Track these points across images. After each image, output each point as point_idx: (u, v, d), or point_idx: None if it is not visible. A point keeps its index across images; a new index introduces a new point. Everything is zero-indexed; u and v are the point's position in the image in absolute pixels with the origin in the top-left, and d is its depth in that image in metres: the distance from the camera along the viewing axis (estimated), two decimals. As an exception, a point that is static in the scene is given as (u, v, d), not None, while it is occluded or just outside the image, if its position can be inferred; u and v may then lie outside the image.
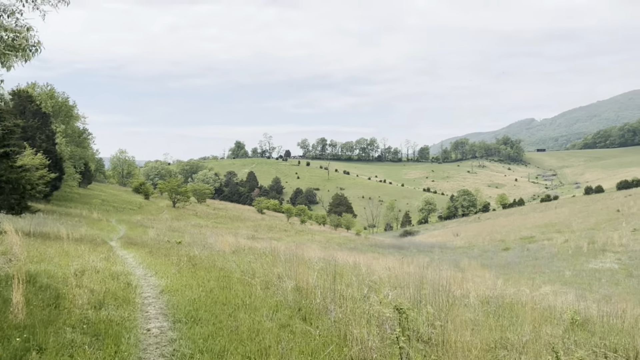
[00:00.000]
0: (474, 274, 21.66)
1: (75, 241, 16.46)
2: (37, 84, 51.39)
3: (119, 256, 13.71)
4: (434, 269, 18.62)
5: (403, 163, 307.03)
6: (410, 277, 11.71)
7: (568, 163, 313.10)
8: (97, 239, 18.01)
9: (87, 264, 10.47)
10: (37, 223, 26.24)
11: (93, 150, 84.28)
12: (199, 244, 23.50)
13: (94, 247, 14.93)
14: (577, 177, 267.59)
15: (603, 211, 73.35)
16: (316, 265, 12.90)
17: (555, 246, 48.85)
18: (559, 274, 28.68)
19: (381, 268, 15.82)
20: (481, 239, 67.32)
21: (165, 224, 43.54)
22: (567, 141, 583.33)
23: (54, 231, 19.23)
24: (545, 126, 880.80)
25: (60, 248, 13.17)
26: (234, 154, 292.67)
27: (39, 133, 38.02)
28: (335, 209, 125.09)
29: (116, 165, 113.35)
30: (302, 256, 15.15)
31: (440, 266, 30.87)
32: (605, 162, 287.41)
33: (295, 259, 13.03)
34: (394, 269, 14.89)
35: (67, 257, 11.55)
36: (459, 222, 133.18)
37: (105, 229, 32.03)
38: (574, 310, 7.73)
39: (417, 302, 8.01)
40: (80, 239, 17.50)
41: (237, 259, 12.97)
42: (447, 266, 32.88)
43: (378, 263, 17.31)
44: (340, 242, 60.02)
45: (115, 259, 12.51)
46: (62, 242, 15.06)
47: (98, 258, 11.67)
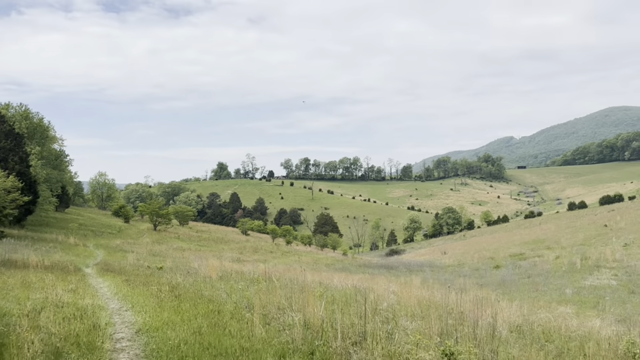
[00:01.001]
0: (475, 294, 20.44)
1: (44, 269, 14.87)
2: (10, 105, 49.48)
3: (91, 286, 12.17)
4: (443, 292, 17.35)
5: (386, 182, 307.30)
6: (423, 303, 10.34)
7: (549, 180, 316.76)
8: (70, 266, 16.41)
9: (50, 297, 8.99)
10: (6, 250, 24.42)
11: (71, 173, 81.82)
12: (182, 269, 21.92)
13: (64, 276, 13.37)
14: (558, 193, 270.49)
15: (590, 226, 73.13)
16: (316, 291, 11.51)
17: (547, 263, 47.99)
18: (559, 293, 27.64)
19: (384, 291, 14.46)
20: (470, 257, 66.33)
21: (146, 248, 41.67)
22: (547, 158, 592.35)
23: (23, 258, 17.56)
24: (524, 144, 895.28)
25: (23, 278, 11.63)
26: (216, 176, 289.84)
27: (11, 155, 36.15)
28: (321, 228, 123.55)
29: (95, 189, 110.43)
30: (298, 280, 13.79)
31: (436, 286, 29.62)
32: (585, 178, 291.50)
33: (292, 285, 11.66)
34: (399, 293, 13.56)
35: (29, 288, 10.05)
36: (445, 240, 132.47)
37: (82, 255, 30.22)
38: (629, 341, 6.52)
39: (446, 336, 6.65)
40: (51, 267, 15.89)
41: (227, 287, 11.56)
42: (441, 286, 31.67)
43: (379, 286, 15.97)
44: (328, 262, 58.49)
45: (86, 290, 10.98)
46: (28, 270, 13.49)
47: (66, 289, 10.18)
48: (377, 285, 17.98)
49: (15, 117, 47.55)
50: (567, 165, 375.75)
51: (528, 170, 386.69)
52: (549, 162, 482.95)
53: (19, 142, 38.15)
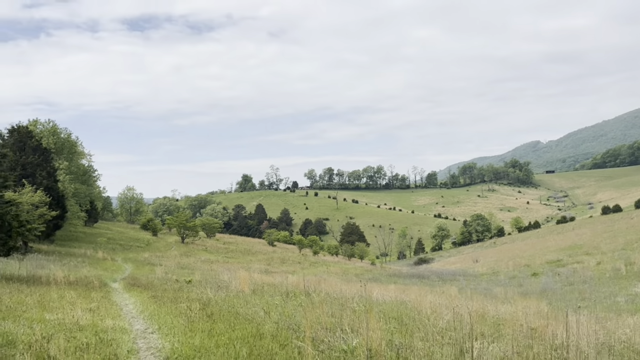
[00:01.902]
0: (523, 304, 18.99)
1: (68, 285, 14.14)
2: (38, 121, 49.91)
3: (115, 304, 11.32)
4: (491, 303, 16.04)
5: (411, 190, 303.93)
6: (485, 319, 9.11)
7: (579, 184, 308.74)
8: (95, 281, 15.70)
9: (67, 318, 8.14)
10: (33, 265, 23.98)
11: (100, 188, 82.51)
12: (211, 282, 21.06)
13: (87, 293, 12.59)
14: (590, 197, 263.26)
15: (630, 230, 70.10)
16: (356, 306, 10.40)
17: (588, 269, 45.80)
18: (610, 301, 25.83)
19: (429, 304, 13.22)
20: (504, 265, 64.12)
21: (174, 261, 41.14)
22: (575, 162, 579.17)
23: (48, 274, 16.91)
24: (551, 148, 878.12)
25: (42, 296, 10.87)
26: (241, 188, 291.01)
27: (39, 170, 36.12)
28: (347, 238, 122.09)
29: (124, 203, 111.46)
30: (335, 293, 12.69)
31: (475, 296, 28.10)
32: (617, 181, 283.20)
33: (331, 298, 10.57)
34: (448, 305, 12.32)
35: (46, 309, 9.25)
36: (475, 247, 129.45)
37: (110, 269, 29.70)
38: None
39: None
40: (76, 282, 15.17)
41: (262, 302, 10.58)
42: (481, 296, 30.11)
43: (423, 298, 14.75)
44: (357, 272, 57.16)
45: (108, 309, 10.09)
46: (50, 287, 12.75)
47: (86, 308, 9.34)
48: (419, 296, 16.74)
49: (43, 133, 47.90)
50: (597, 168, 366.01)
51: (557, 174, 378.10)
52: (578, 165, 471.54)
53: (47, 157, 38.17)
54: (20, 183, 32.53)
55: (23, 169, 35.26)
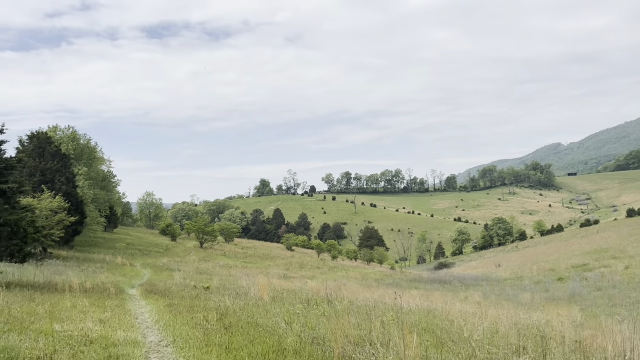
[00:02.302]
0: (555, 311, 18.11)
1: (84, 292, 13.78)
2: (58, 127, 50.32)
3: (129, 312, 10.86)
4: (527, 312, 15.26)
5: (430, 193, 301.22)
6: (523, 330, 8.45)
7: (602, 186, 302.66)
8: (111, 288, 15.33)
9: (77, 330, 7.69)
10: (51, 271, 23.81)
11: (119, 194, 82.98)
12: (229, 288, 20.59)
13: (101, 301, 12.17)
14: (613, 199, 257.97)
15: (658, 233, 68.02)
16: (383, 315, 9.79)
17: (616, 274, 44.36)
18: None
19: (458, 312, 12.53)
20: (527, 269, 62.65)
21: (193, 266, 40.89)
22: (597, 164, 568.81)
23: (64, 280, 16.60)
24: (572, 150, 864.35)
25: (55, 304, 10.47)
26: (259, 192, 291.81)
27: (58, 175, 36.21)
28: (366, 242, 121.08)
29: (143, 208, 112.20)
30: (359, 300, 12.08)
31: (501, 303, 27.17)
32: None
33: (355, 307, 9.96)
34: (479, 314, 11.63)
35: (56, 319, 8.82)
36: (496, 251, 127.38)
37: (128, 275, 29.46)
38: None
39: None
40: (92, 290, 14.81)
41: (282, 310, 10.03)
42: (508, 302, 29.15)
43: (450, 306, 14.03)
44: (377, 277, 56.32)
45: (122, 319, 9.62)
46: (64, 295, 12.38)
47: (99, 318, 8.90)
48: (444, 303, 16.02)
49: (62, 139, 48.21)
50: (620, 170, 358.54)
51: (579, 176, 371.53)
52: (600, 167, 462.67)
53: (66, 163, 38.28)
54: (39, 189, 32.59)
55: (42, 175, 35.38)
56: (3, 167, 13.80)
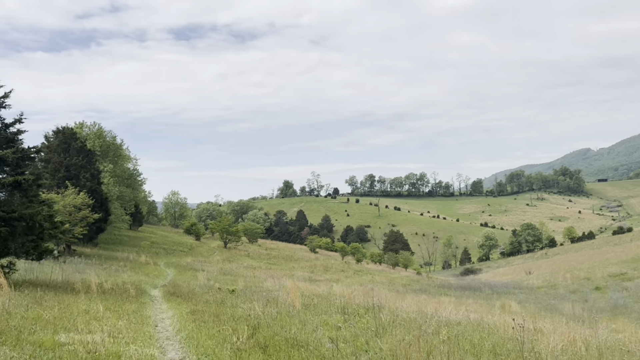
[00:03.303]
0: (611, 326, 16.49)
1: (102, 294, 12.83)
2: (84, 124, 50.20)
3: (148, 319, 9.78)
4: (592, 329, 13.75)
5: (455, 197, 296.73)
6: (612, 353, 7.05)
7: (634, 193, 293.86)
8: (132, 289, 14.35)
9: (85, 343, 6.62)
10: (73, 269, 23.11)
11: (145, 192, 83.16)
12: (255, 291, 19.50)
13: (119, 304, 11.18)
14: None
15: (700, 243, 64.73)
16: (442, 334, 8.52)
17: (660, 285, 41.96)
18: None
19: (509, 325, 11.09)
20: (561, 277, 60.19)
21: (217, 267, 40.07)
22: (628, 170, 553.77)
23: (83, 280, 15.72)
24: (602, 156, 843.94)
25: (65, 309, 9.48)
26: (282, 194, 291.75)
27: (83, 171, 35.79)
28: (391, 246, 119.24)
29: (168, 207, 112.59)
30: (404, 309, 10.81)
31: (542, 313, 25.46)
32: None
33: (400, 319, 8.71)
34: (532, 330, 10.26)
35: (63, 327, 7.79)
36: (525, 258, 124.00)
37: (152, 274, 28.69)
38: None
39: None
40: (111, 290, 13.87)
41: (319, 321, 8.84)
42: (548, 312, 27.39)
43: (499, 318, 12.62)
44: (404, 283, 54.71)
45: (139, 328, 8.50)
46: (79, 296, 11.42)
47: (113, 326, 7.84)
48: (486, 314, 14.62)
49: (88, 135, 48.04)
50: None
51: (609, 183, 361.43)
52: (632, 174, 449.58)
53: (91, 159, 37.89)
54: (63, 185, 32.14)
55: (67, 171, 35.01)
56: (19, 157, 12.98)
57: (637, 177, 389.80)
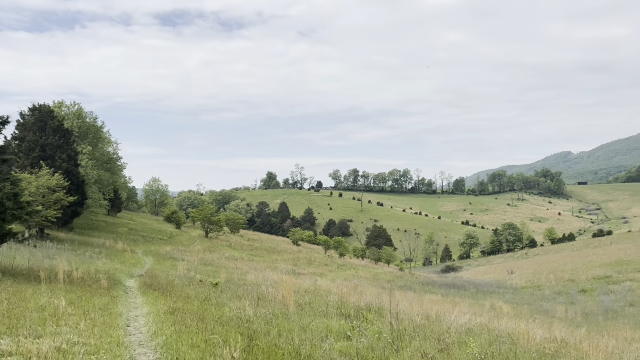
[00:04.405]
0: (620, 334, 15.54)
1: (69, 284, 11.38)
2: (64, 103, 47.92)
3: (119, 318, 8.32)
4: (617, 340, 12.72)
5: (438, 195, 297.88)
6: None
7: (612, 197, 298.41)
8: (104, 279, 12.90)
9: (31, 352, 5.24)
10: (43, 255, 21.50)
11: (125, 178, 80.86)
12: (240, 284, 18.15)
13: (87, 298, 9.76)
14: (624, 211, 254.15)
15: (682, 248, 65.08)
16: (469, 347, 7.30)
17: (646, 289, 41.70)
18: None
19: (530, 334, 9.98)
20: (544, 278, 59.95)
21: (197, 256, 38.57)
22: (607, 174, 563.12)
23: (51, 267, 14.21)
24: (582, 159, 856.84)
25: (18, 304, 8.04)
26: (265, 185, 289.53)
27: (59, 152, 33.86)
28: (374, 241, 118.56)
29: (149, 194, 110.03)
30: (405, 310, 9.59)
31: (537, 316, 24.59)
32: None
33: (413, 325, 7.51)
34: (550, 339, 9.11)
35: (9, 327, 6.38)
36: (505, 257, 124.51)
37: (128, 262, 27.13)
38: None
39: None
40: (81, 280, 12.41)
41: (322, 327, 7.58)
42: (541, 315, 26.58)
43: (511, 324, 11.48)
44: (388, 278, 53.84)
45: (106, 329, 7.00)
46: (42, 287, 9.97)
47: (75, 327, 6.46)
48: (492, 318, 13.51)
49: (67, 115, 45.89)
50: (632, 182, 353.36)
51: (589, 186, 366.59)
52: (611, 178, 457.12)
53: (68, 140, 35.94)
54: (38, 165, 30.31)
55: (42, 150, 33.08)
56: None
57: (616, 181, 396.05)
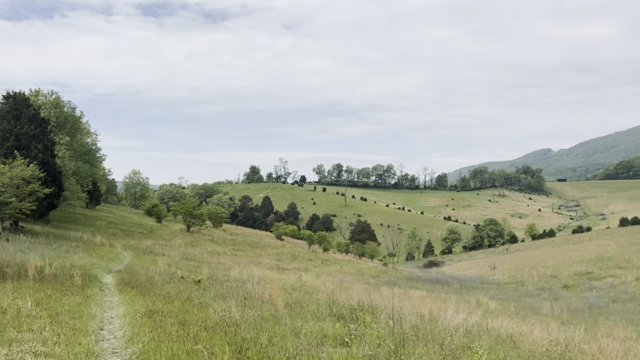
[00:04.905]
0: (606, 331, 15.20)
1: (39, 281, 10.57)
2: (40, 92, 46.34)
3: (91, 322, 7.55)
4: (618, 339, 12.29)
5: (420, 191, 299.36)
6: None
7: (591, 194, 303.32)
8: (77, 276, 12.08)
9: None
10: (16, 249, 20.51)
11: (105, 170, 79.15)
12: (223, 281, 17.42)
13: (57, 298, 8.98)
14: (602, 208, 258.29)
15: (661, 245, 65.98)
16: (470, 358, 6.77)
17: (628, 285, 42.07)
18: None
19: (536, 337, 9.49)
20: (526, 274, 60.27)
21: (179, 251, 37.65)
22: (586, 172, 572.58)
23: (22, 262, 13.33)
24: (562, 156, 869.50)
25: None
26: (248, 179, 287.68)
27: (35, 142, 32.57)
28: (358, 236, 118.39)
29: (129, 187, 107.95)
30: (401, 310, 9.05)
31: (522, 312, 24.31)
32: (630, 193, 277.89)
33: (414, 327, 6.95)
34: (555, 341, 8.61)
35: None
36: (487, 253, 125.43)
37: (107, 257, 26.20)
38: None
39: None
40: (53, 277, 11.59)
41: (316, 330, 6.94)
42: (528, 311, 26.34)
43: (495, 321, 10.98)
44: (372, 274, 53.49)
45: (74, 338, 6.21)
46: (7, 285, 9.16)
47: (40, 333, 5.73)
48: (490, 318, 13.03)
49: (44, 104, 44.39)
50: (609, 179, 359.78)
51: (568, 183, 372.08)
52: (589, 175, 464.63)
53: (44, 129, 34.62)
54: (12, 155, 29.08)
55: (17, 140, 31.77)
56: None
57: (594, 178, 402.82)
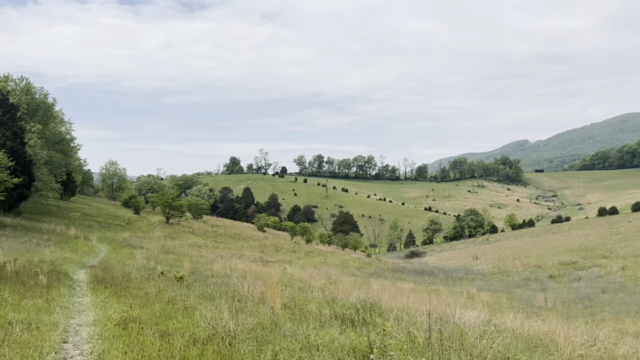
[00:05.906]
0: (617, 326, 14.43)
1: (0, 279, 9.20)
2: (10, 77, 43.98)
3: (54, 330, 6.21)
4: None
5: (401, 182, 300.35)
6: None
7: (568, 184, 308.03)
8: (43, 274, 10.73)
9: None
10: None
11: (80, 160, 76.65)
12: (207, 276, 16.15)
13: (17, 300, 7.61)
14: (579, 198, 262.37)
15: None
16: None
17: (613, 274, 41.94)
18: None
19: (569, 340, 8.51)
20: (510, 264, 60.08)
21: (158, 243, 36.10)
22: (562, 162, 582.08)
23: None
24: (539, 147, 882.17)
25: None
26: (229, 170, 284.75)
27: (3, 129, 30.65)
28: (340, 227, 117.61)
29: (106, 178, 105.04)
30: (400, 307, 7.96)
31: (515, 305, 23.57)
32: (605, 183, 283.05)
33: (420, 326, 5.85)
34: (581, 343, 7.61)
35: None
36: (467, 243, 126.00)
37: (81, 250, 24.66)
38: None
39: None
40: (15, 275, 10.23)
41: (324, 338, 5.80)
42: (521, 303, 25.70)
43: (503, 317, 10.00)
44: (357, 265, 52.65)
45: (24, 356, 5.02)
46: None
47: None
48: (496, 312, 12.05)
49: (14, 90, 42.11)
50: (586, 170, 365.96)
51: (546, 174, 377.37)
52: (566, 166, 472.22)
53: (14, 116, 32.65)
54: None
55: (-17, 127, 29.88)
56: None
57: (571, 169, 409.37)
